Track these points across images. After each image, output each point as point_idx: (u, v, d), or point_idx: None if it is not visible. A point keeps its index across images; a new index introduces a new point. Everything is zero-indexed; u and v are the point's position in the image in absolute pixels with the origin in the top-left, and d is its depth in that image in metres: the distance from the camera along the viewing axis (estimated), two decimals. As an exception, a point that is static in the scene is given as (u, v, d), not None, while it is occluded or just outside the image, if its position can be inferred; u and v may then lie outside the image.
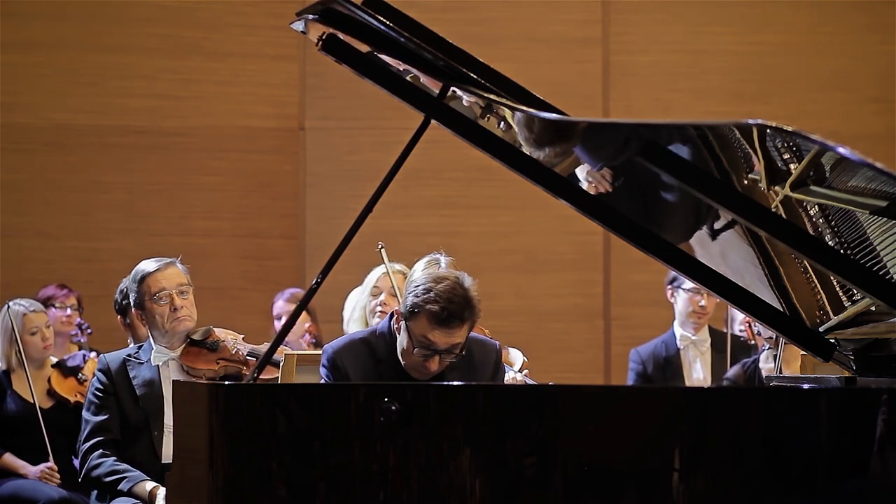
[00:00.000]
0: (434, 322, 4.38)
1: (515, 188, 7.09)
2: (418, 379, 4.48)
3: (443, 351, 4.42)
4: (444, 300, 4.36)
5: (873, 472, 3.65)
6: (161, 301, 5.31)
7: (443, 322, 4.38)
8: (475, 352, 4.62)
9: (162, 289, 5.31)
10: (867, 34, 9.46)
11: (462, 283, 4.42)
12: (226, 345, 5.40)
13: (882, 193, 3.45)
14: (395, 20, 3.93)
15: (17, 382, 6.69)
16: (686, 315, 7.13)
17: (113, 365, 5.30)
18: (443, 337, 4.40)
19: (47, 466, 6.57)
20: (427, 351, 4.42)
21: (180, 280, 5.34)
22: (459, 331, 4.41)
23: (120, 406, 5.24)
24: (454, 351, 4.44)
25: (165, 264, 5.36)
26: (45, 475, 6.53)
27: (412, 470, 3.64)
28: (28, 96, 9.15)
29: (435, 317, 4.37)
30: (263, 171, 9.38)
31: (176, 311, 5.31)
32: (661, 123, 4.32)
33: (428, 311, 4.37)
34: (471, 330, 4.50)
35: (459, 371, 4.55)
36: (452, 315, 4.37)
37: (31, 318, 6.70)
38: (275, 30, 9.16)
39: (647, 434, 3.70)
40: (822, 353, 4.18)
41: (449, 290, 4.38)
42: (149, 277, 5.32)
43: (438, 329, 4.39)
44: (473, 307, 4.42)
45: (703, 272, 4.16)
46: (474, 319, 4.46)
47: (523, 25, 9.46)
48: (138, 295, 5.34)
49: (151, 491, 5.05)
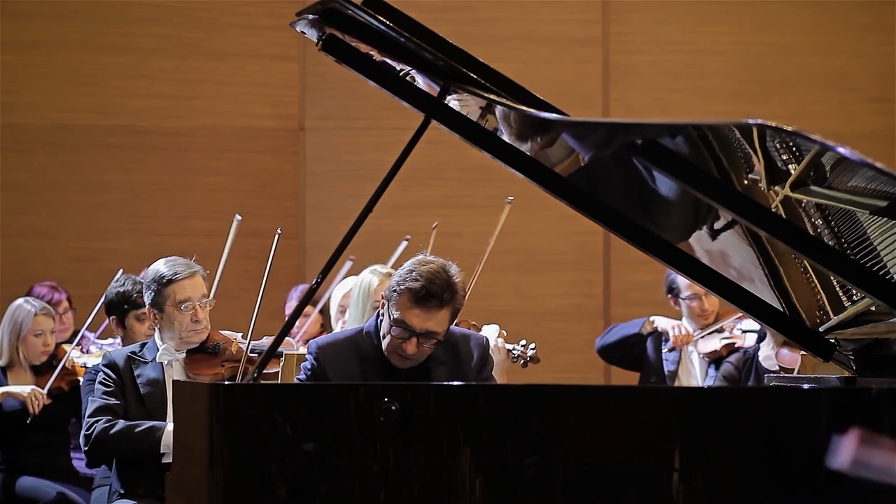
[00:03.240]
0: (412, 299, 4.39)
1: (515, 188, 7.09)
2: (398, 365, 4.48)
3: (419, 334, 4.41)
4: (425, 279, 4.39)
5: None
6: (185, 310, 5.30)
7: (421, 300, 4.38)
8: (461, 346, 4.63)
9: (188, 298, 5.30)
10: (867, 34, 9.47)
11: (446, 269, 4.45)
12: (227, 346, 5.40)
13: (882, 193, 3.45)
14: (395, 20, 3.93)
15: (13, 379, 6.68)
16: (690, 318, 7.16)
17: (118, 362, 5.30)
18: (420, 317, 4.40)
19: (34, 389, 6.53)
20: (404, 332, 4.41)
21: (203, 291, 5.35)
22: (438, 313, 4.41)
23: (124, 403, 5.24)
24: (432, 337, 4.43)
25: (191, 272, 5.34)
26: (33, 395, 6.49)
27: (412, 470, 3.64)
28: (28, 96, 9.15)
29: (414, 294, 4.38)
30: (263, 171, 9.38)
31: (197, 322, 5.32)
32: (661, 123, 4.32)
33: (408, 289, 4.39)
34: (453, 319, 4.50)
35: (447, 366, 4.55)
36: (431, 294, 4.38)
37: (39, 320, 6.70)
38: (275, 30, 9.16)
39: (647, 434, 3.70)
40: (822, 353, 4.18)
41: (432, 272, 4.41)
42: (175, 284, 5.30)
43: (416, 307, 4.39)
44: (455, 292, 4.42)
45: (703, 272, 4.16)
46: (455, 306, 4.45)
47: (523, 25, 9.46)
48: (159, 297, 5.31)
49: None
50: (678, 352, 7.13)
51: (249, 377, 3.98)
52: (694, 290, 7.03)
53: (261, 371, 4.01)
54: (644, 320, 7.20)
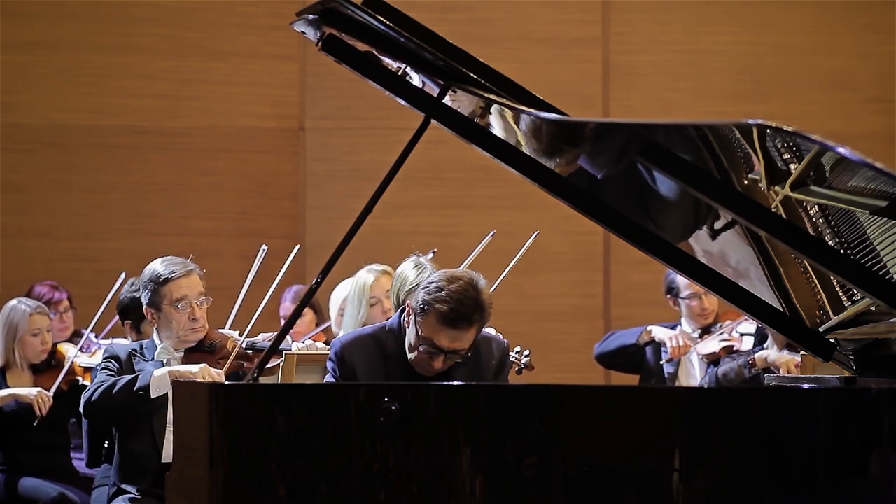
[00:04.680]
0: (442, 322, 4.38)
1: (515, 188, 7.10)
2: (423, 375, 4.49)
3: (448, 351, 4.43)
4: (455, 301, 4.36)
5: (873, 472, 3.65)
6: (181, 309, 5.31)
7: (450, 323, 4.37)
8: (483, 348, 4.63)
9: (184, 296, 5.31)
10: (867, 34, 9.46)
11: (475, 285, 4.41)
12: (223, 343, 5.40)
13: (882, 193, 3.45)
14: (395, 20, 3.93)
15: (12, 380, 6.69)
16: (690, 318, 7.15)
17: (121, 355, 5.32)
18: (449, 337, 4.40)
19: (40, 391, 6.53)
20: (432, 349, 4.42)
21: (200, 289, 5.35)
22: (467, 333, 4.41)
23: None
24: (459, 352, 4.44)
25: (187, 270, 5.35)
26: (40, 397, 6.49)
27: (412, 470, 3.64)
28: (28, 96, 9.15)
29: (443, 317, 4.37)
30: (263, 171, 9.38)
31: (194, 321, 5.32)
32: (661, 123, 4.32)
33: (437, 311, 4.37)
34: (479, 332, 4.50)
35: (467, 367, 4.55)
36: (461, 317, 4.37)
37: (35, 320, 6.70)
38: (275, 30, 9.16)
39: (647, 434, 3.70)
40: (822, 353, 4.18)
41: (460, 292, 4.37)
42: (171, 282, 5.31)
43: (445, 329, 4.39)
44: (483, 310, 4.40)
45: (703, 272, 4.16)
46: (483, 322, 4.46)
47: (523, 25, 9.46)
48: (156, 296, 5.32)
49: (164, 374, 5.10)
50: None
51: (249, 377, 3.98)
52: (694, 290, 7.02)
53: (261, 371, 4.01)
54: (642, 330, 7.18)
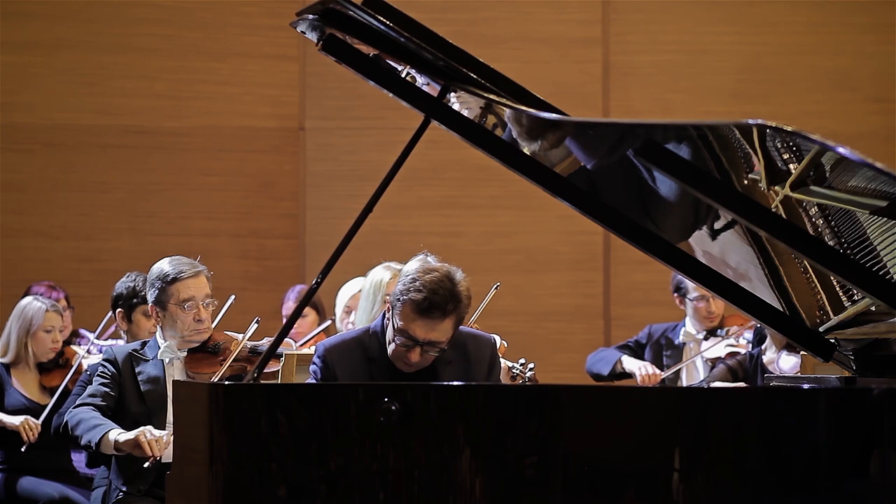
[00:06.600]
0: (415, 311, 4.36)
1: (515, 188, 7.10)
2: (403, 370, 4.47)
3: (423, 343, 4.40)
4: (428, 290, 4.34)
5: (873, 472, 3.65)
6: (188, 309, 5.32)
7: (423, 312, 4.35)
8: (470, 346, 4.61)
9: (192, 297, 5.33)
10: (867, 34, 9.47)
11: (451, 277, 4.39)
12: (227, 345, 5.41)
13: (882, 193, 3.45)
14: (395, 20, 3.93)
15: (17, 377, 6.69)
16: (695, 319, 7.15)
17: (119, 358, 5.32)
18: (423, 328, 4.37)
19: (26, 419, 6.54)
20: (408, 341, 4.40)
21: (207, 291, 5.38)
22: (441, 323, 4.38)
23: (123, 399, 5.27)
24: (436, 345, 4.41)
25: (196, 271, 5.37)
26: (26, 424, 6.51)
27: (412, 470, 3.64)
28: (28, 96, 9.15)
29: (416, 306, 4.35)
30: (263, 171, 9.39)
31: (199, 322, 5.34)
32: (661, 123, 4.31)
33: (410, 300, 4.35)
34: (457, 326, 4.47)
35: (455, 366, 4.54)
36: (434, 305, 4.34)
37: (50, 317, 6.72)
38: (275, 30, 9.17)
39: (647, 434, 3.70)
40: (822, 353, 4.18)
41: (435, 282, 4.35)
42: (179, 282, 5.32)
43: (419, 319, 4.36)
44: (459, 300, 4.38)
45: (703, 272, 4.16)
46: (460, 314, 4.42)
47: (523, 25, 9.46)
48: (162, 294, 5.34)
49: (116, 441, 5.07)
50: (682, 356, 7.12)
51: (249, 377, 3.98)
52: (702, 292, 6.99)
53: (261, 371, 4.01)
54: (616, 360, 7.15)
